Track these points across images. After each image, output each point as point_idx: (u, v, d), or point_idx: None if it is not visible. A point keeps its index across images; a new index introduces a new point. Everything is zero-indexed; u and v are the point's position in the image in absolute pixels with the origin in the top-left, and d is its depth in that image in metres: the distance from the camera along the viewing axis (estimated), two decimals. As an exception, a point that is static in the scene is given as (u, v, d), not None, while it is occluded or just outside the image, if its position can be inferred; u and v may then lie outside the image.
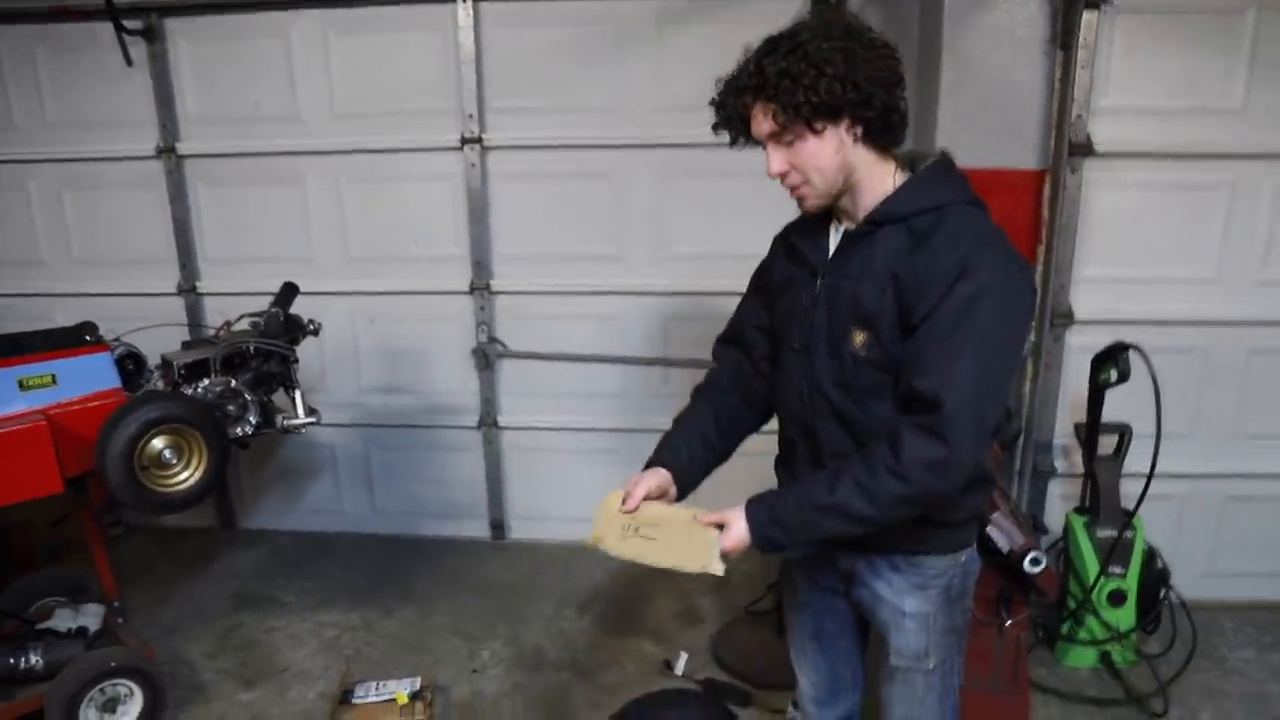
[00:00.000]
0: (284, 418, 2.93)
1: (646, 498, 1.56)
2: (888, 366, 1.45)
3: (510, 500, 3.99)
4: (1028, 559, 2.24)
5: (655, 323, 3.68)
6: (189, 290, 3.84)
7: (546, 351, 3.75)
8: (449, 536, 3.99)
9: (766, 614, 3.16)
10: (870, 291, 1.44)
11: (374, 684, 2.83)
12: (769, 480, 1.72)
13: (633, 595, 3.45)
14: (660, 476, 1.61)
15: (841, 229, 1.53)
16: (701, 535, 1.50)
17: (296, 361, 2.98)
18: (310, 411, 2.97)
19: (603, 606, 3.41)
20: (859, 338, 1.46)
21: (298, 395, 2.96)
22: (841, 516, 1.42)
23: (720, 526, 1.50)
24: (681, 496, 1.64)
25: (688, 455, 1.66)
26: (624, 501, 1.56)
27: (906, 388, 1.40)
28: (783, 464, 1.73)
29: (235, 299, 3.31)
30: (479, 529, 4.02)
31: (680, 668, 2.97)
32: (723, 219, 3.47)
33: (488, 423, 3.86)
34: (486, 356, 3.77)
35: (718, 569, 1.46)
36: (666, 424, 1.73)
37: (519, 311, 3.75)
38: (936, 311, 1.36)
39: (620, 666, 3.03)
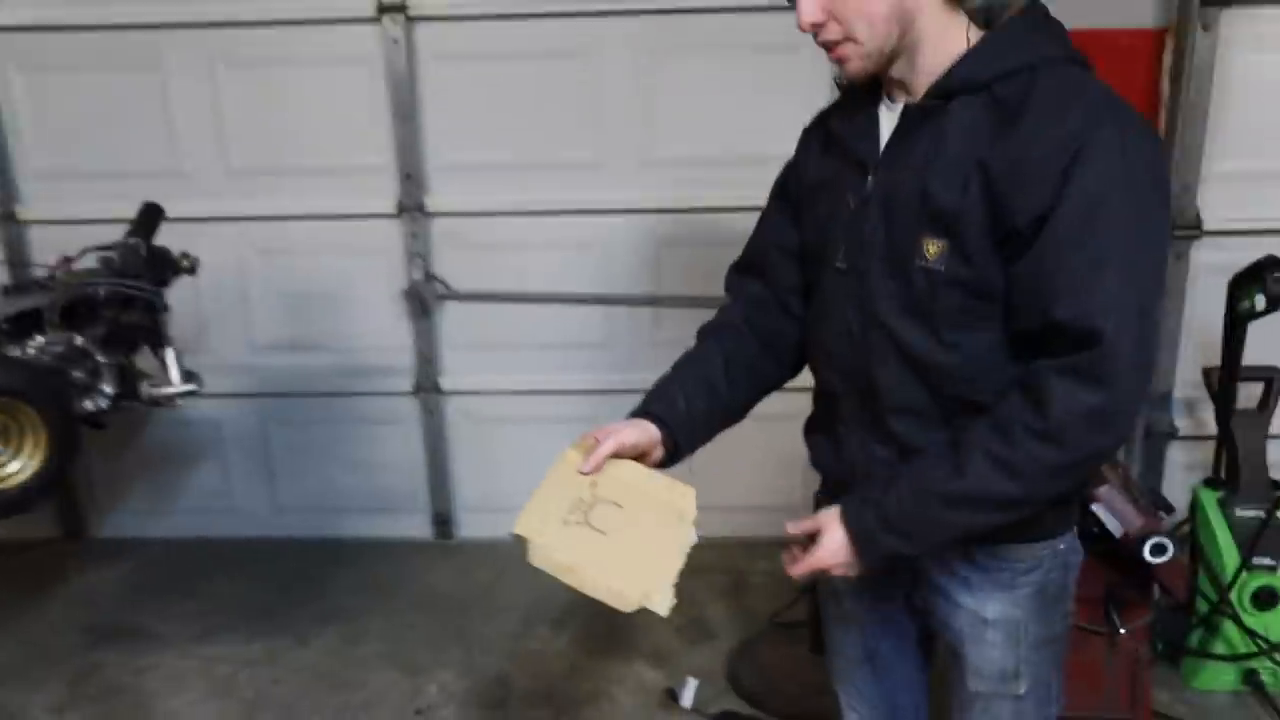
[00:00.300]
0: (151, 385, 2.92)
1: (618, 455, 1.55)
2: (974, 286, 1.43)
3: (458, 487, 4.01)
4: (1148, 546, 2.26)
5: (645, 249, 3.67)
6: (5, 217, 3.77)
7: (502, 291, 3.74)
8: (379, 537, 4.00)
9: (797, 626, 3.16)
10: (946, 185, 1.41)
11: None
12: (793, 453, 1.72)
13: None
14: (642, 431, 1.60)
15: (899, 106, 1.50)
16: (673, 533, 1.48)
17: (166, 310, 2.95)
18: (187, 377, 2.95)
19: (585, 620, 3.40)
20: (932, 247, 1.43)
21: (169, 355, 2.95)
22: (978, 506, 1.42)
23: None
24: (672, 462, 1.62)
25: (685, 407, 1.64)
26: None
27: (1039, 322, 1.39)
28: (819, 428, 1.70)
29: (74, 228, 3.24)
30: (419, 526, 4.04)
31: (688, 698, 2.98)
32: (733, 108, 3.43)
33: (426, 387, 3.88)
34: (423, 299, 3.76)
35: (662, 604, 1.43)
36: (661, 380, 1.72)
37: (464, 239, 3.72)
38: (1055, 212, 1.34)
39: (610, 699, 3.03)
